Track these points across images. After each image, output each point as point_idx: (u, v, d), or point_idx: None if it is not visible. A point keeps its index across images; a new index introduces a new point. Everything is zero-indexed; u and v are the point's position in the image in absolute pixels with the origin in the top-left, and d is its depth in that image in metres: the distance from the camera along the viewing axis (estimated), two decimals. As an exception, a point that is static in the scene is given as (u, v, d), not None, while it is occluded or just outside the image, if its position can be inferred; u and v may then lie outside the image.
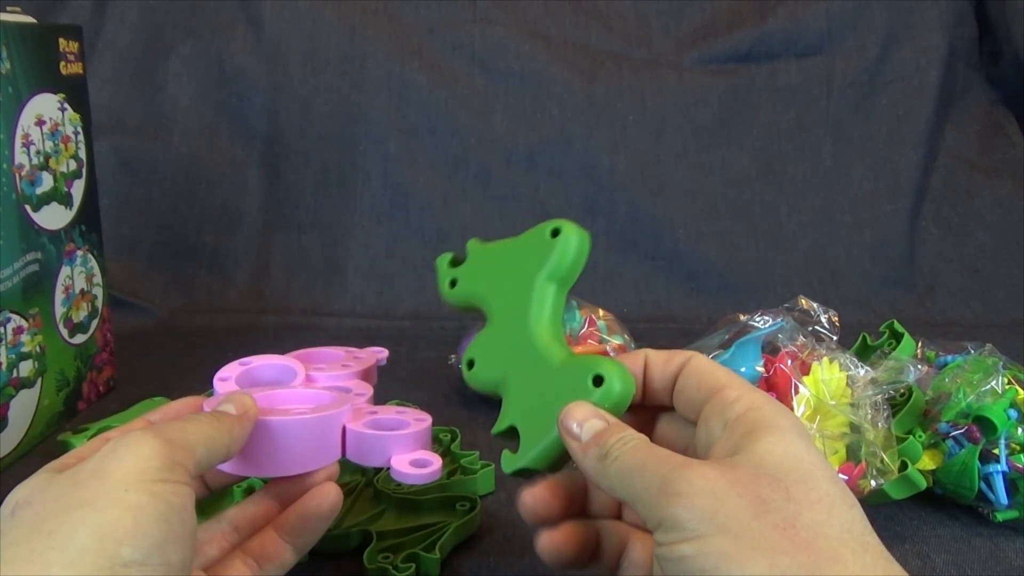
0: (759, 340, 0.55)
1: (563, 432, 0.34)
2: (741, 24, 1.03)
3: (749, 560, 0.26)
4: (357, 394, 0.43)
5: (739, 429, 0.31)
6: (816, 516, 0.28)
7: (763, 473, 0.29)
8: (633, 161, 0.98)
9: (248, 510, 0.39)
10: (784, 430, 0.30)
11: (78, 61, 0.62)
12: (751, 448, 0.30)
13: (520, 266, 0.39)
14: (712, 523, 0.27)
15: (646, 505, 0.29)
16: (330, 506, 0.38)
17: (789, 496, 0.28)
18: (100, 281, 0.67)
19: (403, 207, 0.96)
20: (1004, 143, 1.06)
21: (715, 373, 0.34)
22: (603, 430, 0.32)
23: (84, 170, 0.64)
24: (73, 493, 0.29)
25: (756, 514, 0.27)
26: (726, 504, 0.28)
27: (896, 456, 0.48)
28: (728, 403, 0.32)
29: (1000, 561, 0.48)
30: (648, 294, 0.94)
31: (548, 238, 0.39)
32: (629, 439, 0.32)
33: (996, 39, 1.07)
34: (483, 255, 0.42)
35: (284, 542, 0.38)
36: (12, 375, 0.56)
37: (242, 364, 0.44)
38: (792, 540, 0.27)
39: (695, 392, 0.34)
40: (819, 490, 0.28)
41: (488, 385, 0.39)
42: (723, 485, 0.28)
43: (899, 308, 0.94)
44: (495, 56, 0.98)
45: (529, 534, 0.49)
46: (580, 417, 0.33)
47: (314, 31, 0.97)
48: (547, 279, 0.38)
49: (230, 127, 0.96)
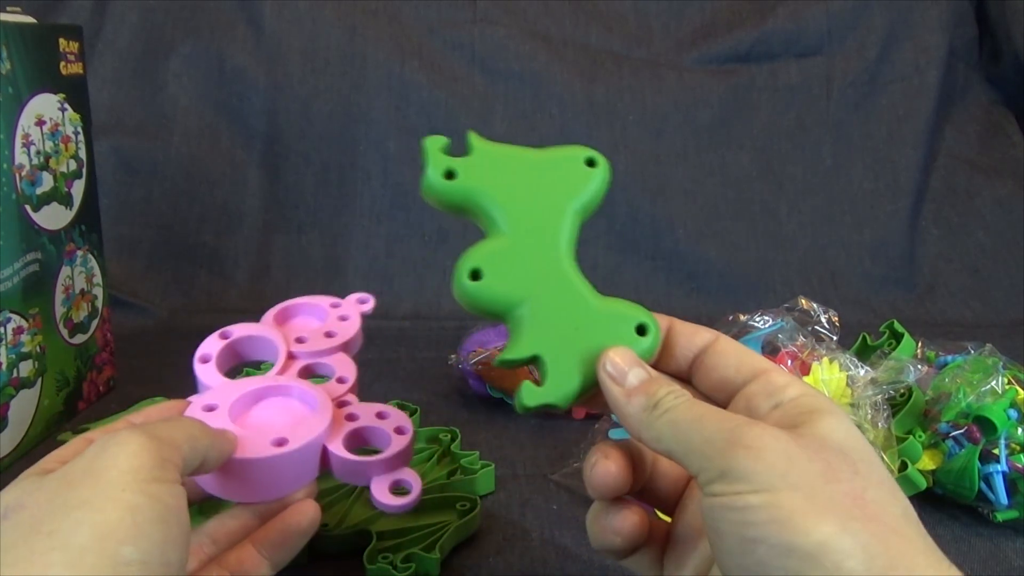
0: (759, 340, 0.55)
1: (603, 375, 0.33)
2: (741, 24, 1.03)
3: (822, 519, 0.26)
4: (339, 380, 0.43)
5: (796, 409, 0.31)
6: (882, 494, 0.28)
7: (829, 446, 0.29)
8: (633, 161, 0.98)
9: (228, 523, 0.39)
10: (841, 416, 0.31)
11: (78, 61, 0.62)
12: (813, 425, 0.30)
13: (547, 186, 0.36)
14: (785, 480, 0.27)
15: (705, 456, 0.29)
16: (309, 522, 0.39)
17: (856, 470, 0.28)
18: (100, 281, 0.67)
19: (403, 207, 0.96)
20: (1004, 143, 1.06)
21: (754, 356, 0.34)
22: (649, 380, 0.32)
23: (84, 170, 0.64)
24: (68, 493, 0.29)
25: (827, 480, 0.27)
26: (798, 464, 0.28)
27: (896, 456, 0.48)
28: (778, 387, 0.32)
29: (1000, 561, 0.48)
30: (648, 294, 0.94)
31: (583, 166, 0.36)
32: (681, 392, 0.32)
33: (996, 39, 1.07)
34: (494, 155, 0.37)
35: (261, 556, 0.38)
36: (12, 375, 0.56)
37: (222, 337, 0.44)
38: (863, 510, 0.27)
39: (733, 372, 0.34)
40: (881, 473, 0.29)
41: (500, 303, 0.35)
42: (794, 447, 0.28)
43: (899, 308, 0.94)
44: (495, 56, 0.98)
45: (529, 534, 0.50)
46: (624, 363, 0.33)
47: (314, 31, 0.97)
48: (578, 211, 0.36)
49: (230, 127, 0.96)
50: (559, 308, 0.34)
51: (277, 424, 0.39)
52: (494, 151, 0.37)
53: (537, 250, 0.35)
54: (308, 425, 0.39)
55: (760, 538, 0.27)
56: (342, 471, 0.40)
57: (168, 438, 0.31)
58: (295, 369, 0.43)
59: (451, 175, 0.36)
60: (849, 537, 0.26)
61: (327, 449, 0.39)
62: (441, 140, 0.37)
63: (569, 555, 0.47)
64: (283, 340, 0.45)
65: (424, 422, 0.60)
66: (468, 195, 0.36)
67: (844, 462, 0.28)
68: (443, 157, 0.37)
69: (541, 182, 0.36)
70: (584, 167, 0.36)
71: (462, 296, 0.35)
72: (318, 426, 0.39)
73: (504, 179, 0.36)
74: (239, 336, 0.44)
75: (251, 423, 0.40)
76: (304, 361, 0.44)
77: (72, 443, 0.34)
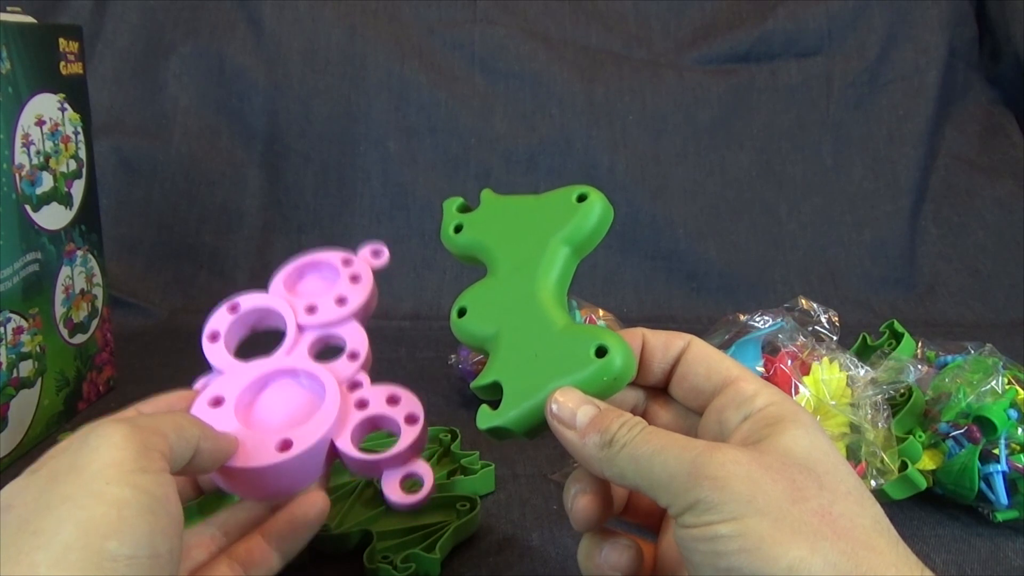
0: (759, 340, 0.55)
1: (551, 419, 0.33)
2: (741, 24, 1.03)
3: (791, 543, 0.26)
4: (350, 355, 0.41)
5: (762, 421, 0.31)
6: (850, 507, 0.28)
7: (792, 462, 0.29)
8: (633, 161, 0.98)
9: (238, 515, 0.39)
10: (807, 425, 0.30)
11: (78, 61, 0.62)
12: (777, 438, 0.30)
13: (536, 224, 0.38)
14: (750, 506, 0.27)
15: (671, 490, 0.29)
16: (318, 513, 0.38)
17: (822, 485, 0.28)
18: (100, 281, 0.67)
19: (403, 207, 0.96)
20: (1004, 143, 1.06)
21: (724, 363, 0.34)
22: (599, 415, 0.32)
23: (84, 170, 0.64)
24: (53, 490, 0.28)
25: (793, 500, 0.27)
26: (763, 488, 0.28)
27: (896, 456, 0.48)
28: (747, 396, 0.32)
29: (1000, 561, 0.48)
30: (648, 294, 0.94)
31: (573, 202, 0.37)
32: (634, 424, 0.31)
33: (996, 39, 1.07)
34: (497, 206, 0.40)
35: (270, 548, 0.38)
36: (12, 375, 0.56)
37: (231, 311, 0.43)
38: (831, 527, 0.27)
39: (703, 381, 0.34)
40: (848, 483, 0.29)
41: (477, 337, 0.37)
42: (757, 469, 0.28)
43: (899, 308, 0.94)
44: (495, 56, 0.98)
45: (529, 534, 0.50)
46: (571, 402, 0.32)
47: (314, 31, 0.97)
48: (562, 241, 0.37)
49: (230, 127, 0.96)
50: (524, 338, 0.35)
51: (283, 417, 0.39)
52: (498, 203, 0.41)
53: (513, 284, 0.37)
54: (315, 422, 0.38)
55: (733, 567, 0.27)
56: (352, 467, 0.39)
57: (153, 427, 0.31)
58: (306, 344, 0.42)
59: (459, 229, 0.41)
60: (819, 558, 0.26)
61: (336, 448, 0.38)
62: (457, 201, 0.42)
63: (569, 555, 0.47)
64: (292, 311, 0.43)
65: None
66: (470, 245, 0.40)
67: (809, 477, 0.28)
68: (455, 214, 0.41)
69: (532, 223, 0.38)
70: (574, 203, 0.38)
71: (454, 331, 0.38)
72: (325, 422, 0.38)
73: (501, 226, 0.39)
74: (248, 309, 0.44)
75: (257, 417, 0.39)
76: (315, 333, 0.43)
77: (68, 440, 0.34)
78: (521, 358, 0.35)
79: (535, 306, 0.36)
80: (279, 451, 0.37)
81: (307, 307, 0.43)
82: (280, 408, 0.40)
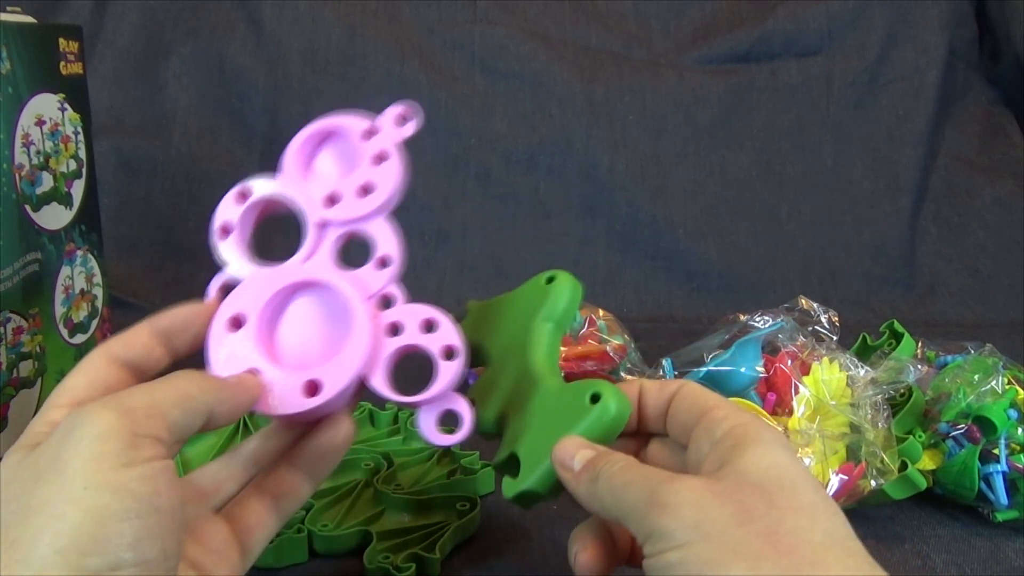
0: (759, 340, 0.55)
1: (557, 466, 0.34)
2: (741, 24, 1.03)
3: (731, 564, 0.27)
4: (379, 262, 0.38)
5: (725, 443, 0.32)
6: (799, 523, 0.28)
7: (747, 483, 0.29)
8: (633, 161, 0.97)
9: (266, 445, 0.37)
10: (768, 442, 0.31)
11: (78, 61, 0.62)
12: (736, 460, 0.31)
13: (517, 313, 0.41)
14: (697, 531, 0.28)
15: (635, 520, 0.30)
16: (344, 437, 0.36)
17: (772, 504, 0.29)
18: (100, 281, 0.67)
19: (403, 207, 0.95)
20: (1004, 143, 1.06)
21: (704, 397, 0.35)
22: (593, 457, 0.33)
23: (84, 170, 0.64)
24: (34, 492, 0.27)
25: (740, 522, 0.28)
26: (710, 513, 0.28)
27: (896, 456, 0.48)
28: (715, 422, 0.33)
29: (1000, 561, 0.48)
30: (648, 294, 0.94)
31: (544, 285, 0.41)
32: (617, 460, 0.32)
33: (996, 39, 1.07)
34: (481, 310, 0.44)
35: (300, 476, 0.36)
36: (12, 375, 0.56)
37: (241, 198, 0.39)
38: (775, 546, 0.27)
39: (686, 416, 0.35)
40: (802, 498, 0.29)
41: (489, 422, 0.39)
42: (708, 495, 0.29)
43: (899, 308, 0.94)
44: (495, 56, 0.98)
45: (529, 534, 0.50)
46: (571, 449, 0.34)
47: (314, 31, 0.97)
48: (543, 320, 0.40)
49: (230, 127, 0.96)
50: (528, 409, 0.37)
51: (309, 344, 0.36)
52: (481, 308, 0.44)
53: (510, 367, 0.40)
54: (346, 356, 0.35)
55: None
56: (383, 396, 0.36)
57: (147, 407, 0.29)
58: (328, 247, 0.38)
59: None
60: None
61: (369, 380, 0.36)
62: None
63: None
64: (311, 203, 0.38)
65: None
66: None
67: (760, 498, 0.29)
68: None
69: (514, 314, 0.41)
70: (543, 285, 0.41)
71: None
72: (356, 359, 0.34)
73: (488, 325, 0.42)
74: (260, 198, 0.39)
75: (281, 343, 0.36)
76: (338, 230, 0.38)
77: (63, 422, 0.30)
78: (529, 426, 0.37)
79: (531, 379, 0.38)
80: (306, 396, 0.34)
81: (327, 196, 0.38)
82: (305, 332, 0.36)
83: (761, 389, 0.53)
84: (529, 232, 0.95)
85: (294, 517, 0.46)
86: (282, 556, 0.45)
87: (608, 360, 0.63)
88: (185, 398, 0.31)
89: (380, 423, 0.60)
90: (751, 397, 0.52)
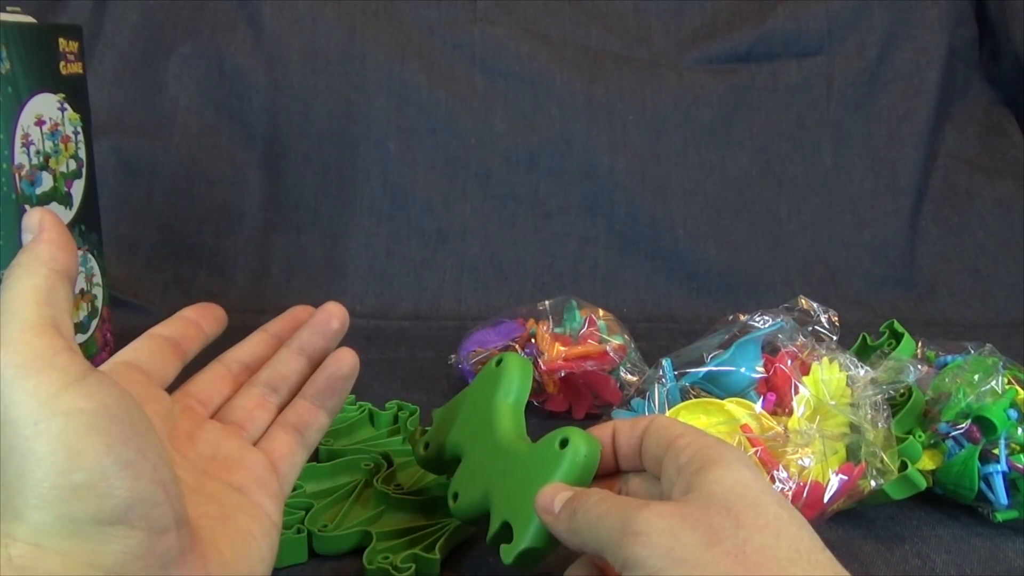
0: (759, 340, 0.55)
1: (540, 512, 0.36)
2: (741, 24, 1.03)
3: None
4: None
5: (690, 468, 0.33)
6: (765, 539, 0.29)
7: (713, 504, 0.30)
8: (633, 161, 0.97)
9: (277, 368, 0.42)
10: (731, 462, 0.32)
11: (78, 61, 0.62)
12: (701, 483, 0.32)
13: (478, 398, 0.44)
14: (669, 557, 0.29)
15: (611, 550, 0.31)
16: (350, 367, 0.42)
17: (738, 523, 0.30)
18: (100, 281, 0.67)
19: (403, 207, 0.96)
20: (1004, 143, 1.06)
21: (671, 428, 0.36)
22: (571, 496, 0.35)
23: (84, 170, 0.64)
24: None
25: (708, 544, 0.29)
26: (681, 538, 0.29)
27: (896, 456, 0.48)
28: (680, 449, 0.34)
29: (1000, 561, 0.48)
30: (648, 294, 0.94)
31: (495, 368, 0.44)
32: (592, 495, 0.34)
33: (996, 39, 1.07)
34: (446, 412, 0.47)
35: (315, 407, 0.41)
36: (12, 375, 0.56)
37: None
38: (743, 564, 0.28)
39: (656, 448, 0.36)
40: (767, 514, 0.30)
41: (475, 507, 0.41)
42: (677, 521, 0.30)
43: (899, 308, 0.94)
44: (495, 56, 0.98)
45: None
46: (551, 493, 0.35)
47: (314, 31, 0.97)
48: (502, 398, 0.43)
49: (230, 127, 0.96)
50: (505, 480, 0.40)
51: None
52: (445, 410, 0.48)
53: (481, 450, 0.42)
54: None
55: None
56: None
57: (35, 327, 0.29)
58: None
59: (426, 446, 0.47)
60: None
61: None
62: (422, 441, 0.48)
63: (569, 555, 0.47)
64: None
65: (424, 422, 0.60)
66: (438, 452, 0.46)
67: (727, 518, 0.30)
68: (420, 439, 0.48)
69: (473, 405, 0.45)
70: (495, 369, 0.44)
71: (456, 517, 0.43)
72: None
73: (453, 422, 0.45)
74: None
75: None
76: None
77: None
78: (512, 492, 0.39)
79: (503, 451, 0.41)
80: None
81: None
82: None
83: (761, 389, 0.53)
84: (529, 232, 0.95)
85: (293, 517, 0.46)
86: (282, 556, 0.45)
87: (608, 360, 0.63)
88: (40, 290, 0.30)
89: (380, 423, 0.60)
90: (751, 397, 0.52)
